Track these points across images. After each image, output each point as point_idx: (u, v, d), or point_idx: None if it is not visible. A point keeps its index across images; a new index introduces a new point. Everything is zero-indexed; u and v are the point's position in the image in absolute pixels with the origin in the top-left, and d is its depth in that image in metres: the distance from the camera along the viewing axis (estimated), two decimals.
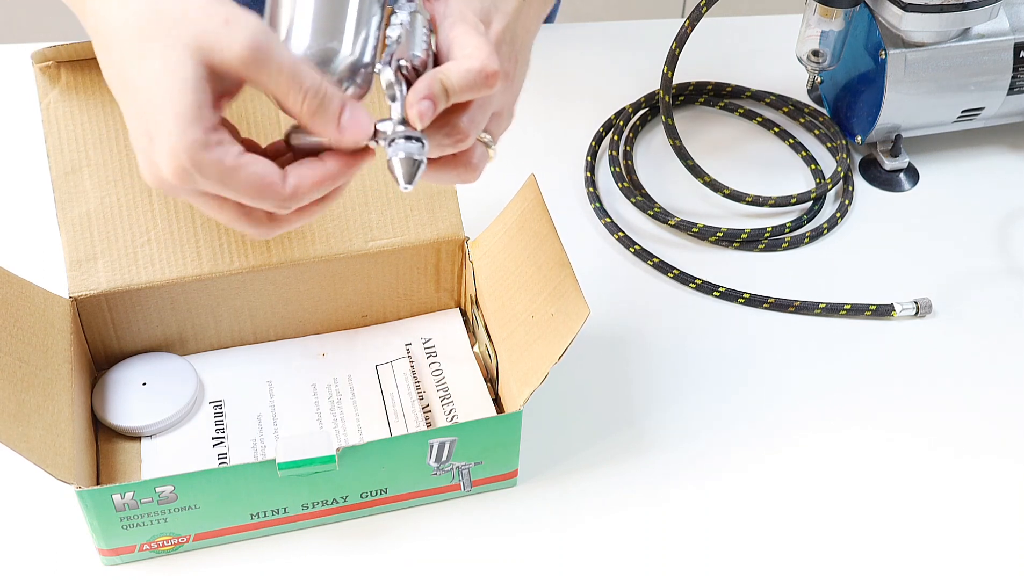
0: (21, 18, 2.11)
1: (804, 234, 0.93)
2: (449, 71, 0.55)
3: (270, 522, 0.68)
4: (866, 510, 0.73)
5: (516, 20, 0.62)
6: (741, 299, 0.87)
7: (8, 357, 0.64)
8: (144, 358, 0.76)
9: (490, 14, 0.61)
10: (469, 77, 0.55)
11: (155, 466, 0.71)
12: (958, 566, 0.70)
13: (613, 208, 0.94)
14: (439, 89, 0.55)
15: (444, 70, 0.56)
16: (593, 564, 0.69)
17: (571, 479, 0.74)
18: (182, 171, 0.52)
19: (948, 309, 0.87)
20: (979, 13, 0.90)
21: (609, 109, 1.03)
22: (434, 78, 0.55)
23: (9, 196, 0.91)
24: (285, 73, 0.52)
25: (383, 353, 0.79)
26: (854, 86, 0.98)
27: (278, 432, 0.74)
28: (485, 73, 0.55)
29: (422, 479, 0.70)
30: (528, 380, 0.69)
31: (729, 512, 0.73)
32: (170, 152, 0.51)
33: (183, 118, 0.51)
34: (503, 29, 0.61)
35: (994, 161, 1.02)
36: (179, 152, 0.51)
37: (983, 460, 0.77)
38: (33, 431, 0.62)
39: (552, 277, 0.70)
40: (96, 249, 0.72)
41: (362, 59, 0.56)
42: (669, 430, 0.77)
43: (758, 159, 1.00)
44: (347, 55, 0.56)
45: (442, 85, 0.55)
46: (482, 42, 0.57)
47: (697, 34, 0.93)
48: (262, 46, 0.51)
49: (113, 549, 0.66)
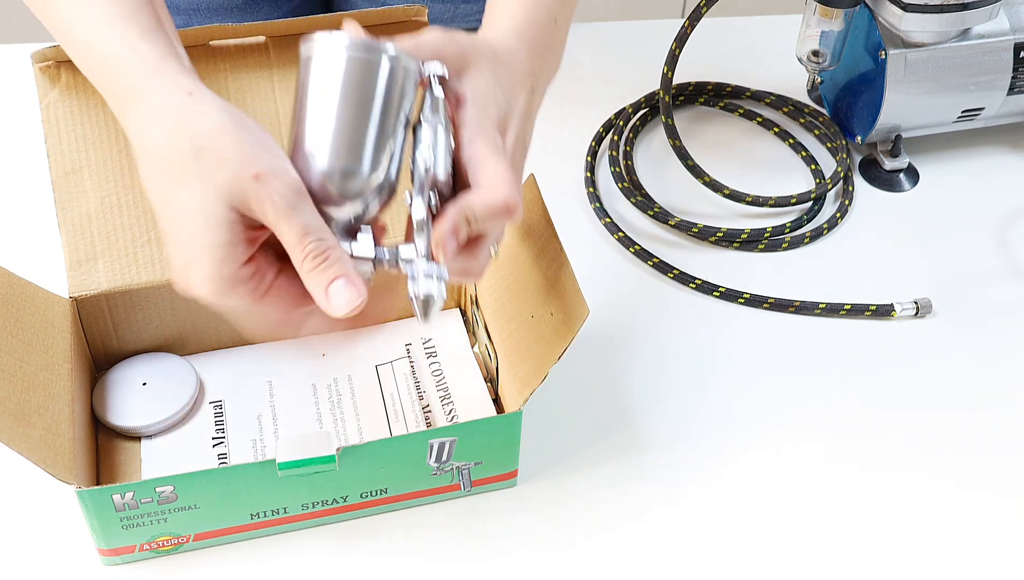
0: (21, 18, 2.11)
1: (804, 234, 0.93)
2: (474, 206, 0.58)
3: (270, 522, 0.68)
4: (866, 509, 0.73)
5: (527, 117, 0.64)
6: (741, 299, 0.87)
7: (8, 357, 0.64)
8: (144, 358, 0.76)
9: (506, 120, 0.62)
10: (493, 212, 0.58)
11: (155, 466, 0.71)
12: (958, 564, 0.70)
13: (613, 208, 0.94)
14: (463, 223, 0.58)
15: (469, 205, 0.58)
16: (593, 564, 0.69)
17: (571, 479, 0.74)
18: (216, 297, 0.56)
19: (948, 309, 0.87)
20: (979, 13, 0.90)
21: (609, 109, 1.03)
22: (460, 213, 0.58)
23: (9, 196, 0.91)
24: (297, 230, 0.55)
25: (383, 353, 0.79)
26: (854, 86, 0.98)
27: (278, 432, 0.74)
28: (508, 208, 0.58)
29: (422, 479, 0.70)
30: (528, 380, 0.69)
31: (729, 512, 0.73)
32: (203, 282, 0.55)
33: (216, 256, 0.55)
34: (516, 136, 0.63)
35: (994, 161, 1.02)
36: (212, 285, 0.55)
37: (983, 460, 0.77)
38: (33, 431, 0.62)
39: (552, 277, 0.70)
40: (96, 249, 0.72)
41: (385, 177, 0.58)
42: (669, 430, 0.77)
43: (758, 159, 1.00)
44: (367, 174, 0.57)
45: (466, 219, 0.58)
46: (504, 169, 0.58)
47: (697, 34, 0.93)
48: (283, 207, 0.54)
49: (113, 549, 0.66)
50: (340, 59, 0.56)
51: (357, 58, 0.56)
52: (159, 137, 0.56)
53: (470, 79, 0.61)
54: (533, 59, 0.65)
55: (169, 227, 0.56)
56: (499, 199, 0.58)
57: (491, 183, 0.58)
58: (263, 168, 0.54)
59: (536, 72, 0.65)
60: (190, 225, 0.55)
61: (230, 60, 0.75)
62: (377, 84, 0.57)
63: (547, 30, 0.67)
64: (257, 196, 0.54)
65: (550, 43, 0.68)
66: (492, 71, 0.61)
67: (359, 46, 0.56)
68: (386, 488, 0.69)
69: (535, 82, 0.65)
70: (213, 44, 0.74)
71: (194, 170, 0.55)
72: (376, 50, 0.57)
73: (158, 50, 0.58)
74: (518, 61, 0.64)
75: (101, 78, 0.60)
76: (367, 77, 0.57)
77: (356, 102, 0.57)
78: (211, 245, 0.55)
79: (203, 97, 0.57)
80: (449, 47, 0.60)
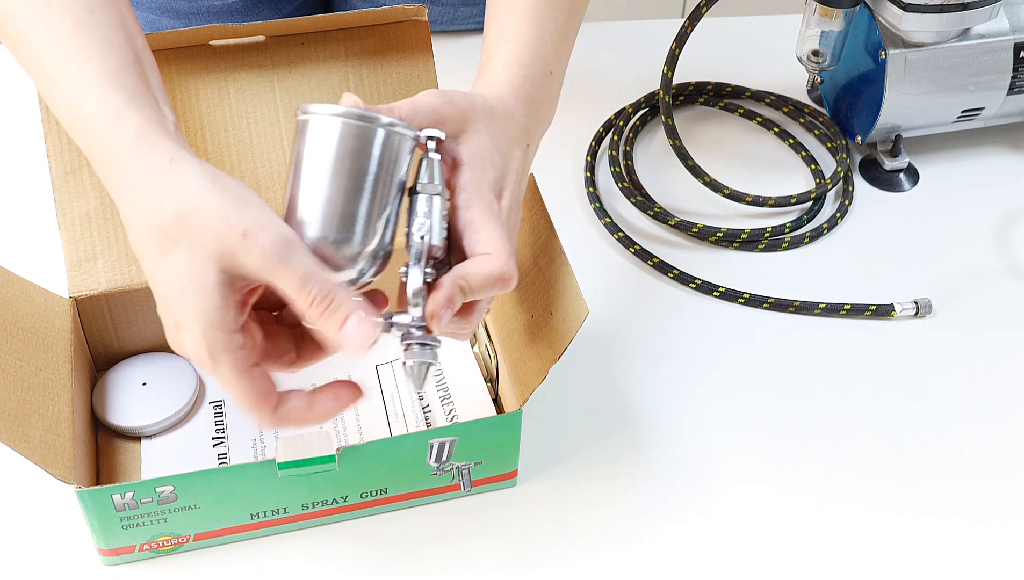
0: None
1: (804, 234, 0.93)
2: (469, 276, 0.58)
3: (270, 522, 0.68)
4: (865, 509, 0.73)
5: (523, 174, 0.65)
6: (741, 299, 0.87)
7: (8, 357, 0.64)
8: (144, 358, 0.76)
9: (502, 180, 0.62)
10: (488, 282, 0.58)
11: (155, 466, 0.71)
12: (959, 557, 0.71)
13: (613, 208, 0.94)
14: (458, 294, 0.58)
15: (464, 275, 0.58)
16: (593, 564, 0.69)
17: (571, 479, 0.74)
18: (206, 360, 0.56)
19: (948, 309, 0.87)
20: (979, 13, 0.90)
21: (609, 109, 1.03)
22: (454, 285, 0.57)
23: (9, 196, 0.91)
24: (296, 280, 0.55)
25: (383, 353, 0.79)
26: (854, 86, 0.98)
27: (278, 432, 0.74)
28: (504, 278, 0.58)
29: (422, 479, 0.70)
30: (528, 380, 0.69)
31: (729, 511, 0.73)
32: (195, 347, 0.56)
33: (206, 321, 0.55)
34: (512, 196, 0.63)
35: (994, 161, 1.02)
36: (203, 349, 0.55)
37: (983, 459, 0.77)
38: (33, 431, 0.62)
39: (552, 277, 0.70)
40: (96, 249, 0.72)
41: (379, 245, 0.58)
42: (669, 430, 0.77)
43: (758, 159, 1.00)
44: (360, 243, 0.57)
45: (461, 290, 0.58)
46: (500, 237, 0.59)
47: (697, 34, 0.93)
48: (275, 258, 0.54)
49: (113, 549, 0.66)
50: (335, 127, 0.56)
51: (352, 126, 0.56)
52: (142, 206, 0.56)
53: (467, 141, 0.61)
54: (529, 115, 0.65)
55: (162, 292, 0.57)
56: (495, 270, 0.58)
57: (486, 252, 0.58)
58: (250, 224, 0.54)
59: (531, 129, 0.66)
60: (181, 290, 0.55)
61: (230, 60, 0.75)
62: (372, 152, 0.57)
63: (543, 84, 0.67)
64: (248, 253, 0.54)
65: (545, 97, 0.68)
66: (488, 131, 0.62)
67: (354, 115, 0.56)
68: (386, 488, 0.69)
69: (530, 139, 0.66)
70: (213, 44, 0.74)
71: (180, 236, 0.55)
72: (371, 119, 0.57)
73: (141, 116, 0.58)
74: (514, 119, 0.64)
75: (85, 142, 0.59)
76: (362, 145, 0.57)
77: (350, 171, 0.56)
78: (202, 310, 0.54)
79: (183, 163, 0.56)
80: (446, 109, 0.60)
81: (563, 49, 0.69)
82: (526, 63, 0.66)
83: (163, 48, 0.73)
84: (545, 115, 0.68)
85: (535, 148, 0.67)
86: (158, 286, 0.57)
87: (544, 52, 0.67)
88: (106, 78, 0.58)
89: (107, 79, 0.58)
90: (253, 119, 0.74)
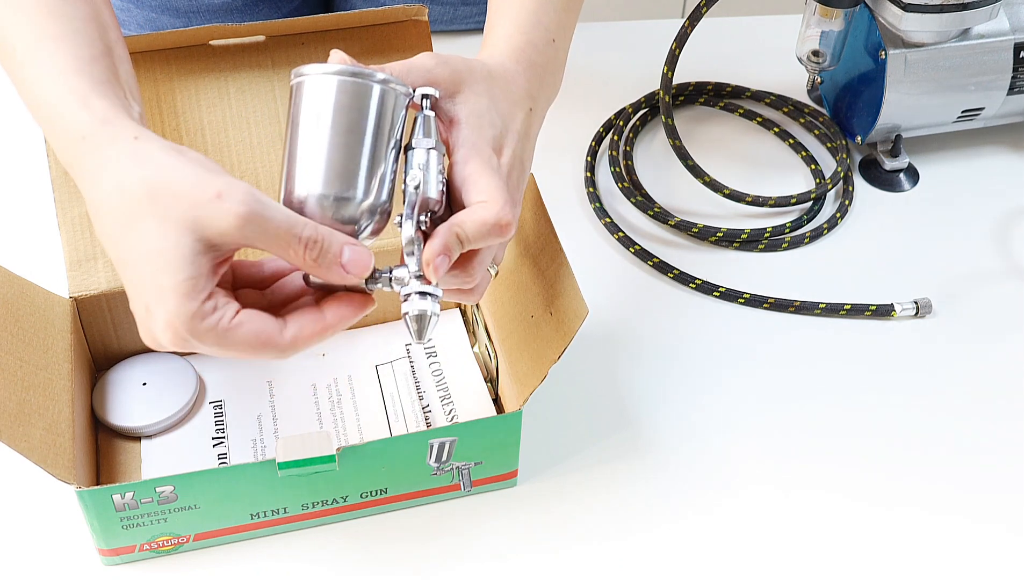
0: None
1: (804, 234, 0.93)
2: (464, 223, 0.57)
3: (270, 522, 0.68)
4: (865, 509, 0.73)
5: (526, 136, 0.64)
6: (741, 299, 0.87)
7: (8, 357, 0.64)
8: (144, 358, 0.76)
9: (502, 139, 0.62)
10: (484, 229, 0.57)
11: (155, 466, 0.71)
12: (959, 554, 0.71)
13: (613, 208, 0.94)
14: (454, 242, 0.57)
15: (460, 223, 0.57)
16: (593, 564, 0.69)
17: (571, 479, 0.74)
18: (180, 340, 0.54)
19: (948, 309, 0.87)
20: (979, 13, 0.90)
21: (609, 109, 1.03)
22: (450, 232, 0.57)
23: (9, 196, 0.91)
24: (281, 233, 0.54)
25: (383, 353, 0.79)
26: (854, 86, 0.98)
27: (278, 432, 0.74)
28: (500, 225, 0.57)
29: (422, 479, 0.70)
30: (528, 380, 0.69)
31: (729, 511, 0.73)
32: (167, 325, 0.53)
33: (178, 293, 0.53)
34: (513, 154, 0.62)
35: (994, 161, 1.02)
36: (176, 325, 0.53)
37: (983, 459, 0.77)
38: (33, 431, 0.62)
39: (552, 277, 0.70)
40: (96, 249, 0.72)
41: (378, 201, 0.58)
42: (669, 430, 0.77)
43: (758, 159, 1.00)
44: (361, 199, 0.57)
45: (457, 238, 0.57)
46: (496, 186, 0.58)
47: (697, 34, 0.93)
48: (254, 215, 0.53)
49: (113, 549, 0.66)
50: (330, 86, 0.56)
51: (347, 83, 0.56)
52: (108, 187, 0.55)
53: (464, 100, 0.60)
54: (531, 80, 0.65)
55: (129, 274, 0.55)
56: (490, 216, 0.57)
57: (482, 200, 0.58)
58: (222, 186, 0.53)
59: (534, 93, 0.65)
60: (150, 269, 0.53)
61: (230, 60, 0.75)
62: (368, 109, 0.57)
63: (545, 51, 0.67)
64: (225, 213, 0.52)
65: (549, 64, 0.67)
66: (487, 91, 0.61)
67: (348, 72, 0.56)
68: (386, 488, 0.69)
69: (534, 103, 0.65)
70: (213, 44, 0.74)
71: (150, 211, 0.53)
72: (366, 75, 0.57)
73: (107, 102, 0.57)
74: (515, 82, 0.64)
75: (50, 127, 0.59)
76: (358, 102, 0.57)
77: (347, 128, 0.56)
78: (173, 284, 0.53)
79: (147, 139, 0.56)
80: (440, 69, 0.60)
81: (567, 18, 0.69)
82: (527, 30, 0.66)
83: (163, 48, 0.73)
84: (549, 81, 0.68)
85: (541, 115, 0.67)
86: (127, 270, 0.55)
87: (546, 20, 0.67)
88: (75, 65, 0.58)
89: (76, 67, 0.58)
90: (253, 119, 0.74)
